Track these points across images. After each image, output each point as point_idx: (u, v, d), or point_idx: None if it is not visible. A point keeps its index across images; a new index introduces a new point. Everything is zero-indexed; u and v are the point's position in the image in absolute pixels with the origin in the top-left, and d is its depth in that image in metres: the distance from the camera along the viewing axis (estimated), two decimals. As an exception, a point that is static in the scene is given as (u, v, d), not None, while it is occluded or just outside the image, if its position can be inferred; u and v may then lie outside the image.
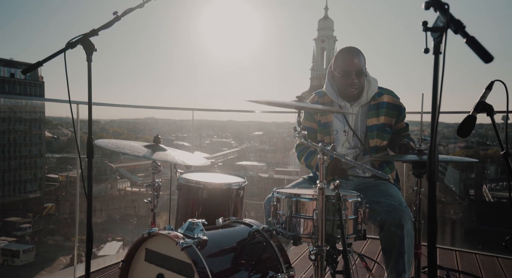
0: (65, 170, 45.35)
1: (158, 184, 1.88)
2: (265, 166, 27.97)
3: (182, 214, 2.06)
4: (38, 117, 47.95)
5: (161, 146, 1.89)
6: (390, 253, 1.71)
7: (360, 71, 1.91)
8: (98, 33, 1.65)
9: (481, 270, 2.65)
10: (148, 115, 7.14)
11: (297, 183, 2.10)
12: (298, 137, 1.39)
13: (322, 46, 34.76)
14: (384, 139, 1.97)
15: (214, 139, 26.86)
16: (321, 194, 1.31)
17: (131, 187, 36.27)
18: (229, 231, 1.68)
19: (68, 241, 33.82)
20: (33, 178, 48.09)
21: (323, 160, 1.30)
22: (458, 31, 0.81)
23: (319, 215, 1.32)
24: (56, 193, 43.69)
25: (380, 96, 2.00)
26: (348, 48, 1.97)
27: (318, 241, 1.33)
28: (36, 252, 33.30)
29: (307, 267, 2.63)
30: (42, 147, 50.70)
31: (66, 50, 1.61)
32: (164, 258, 1.50)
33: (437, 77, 0.86)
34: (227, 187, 1.98)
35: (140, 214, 34.55)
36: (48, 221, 39.49)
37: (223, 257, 1.50)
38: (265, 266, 1.57)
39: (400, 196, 1.82)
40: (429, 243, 0.89)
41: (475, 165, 30.70)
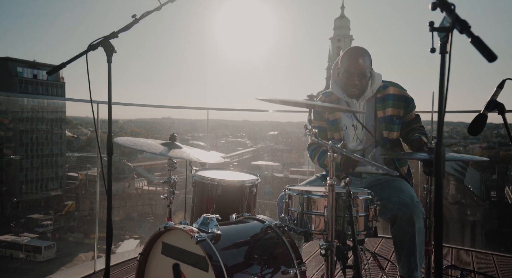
0: (85, 169, 46.43)
1: (174, 181, 1.95)
2: (280, 165, 27.94)
3: (197, 210, 2.12)
4: (59, 117, 49.27)
5: (177, 144, 1.95)
6: (401, 249, 1.73)
7: (363, 74, 1.92)
8: (117, 36, 1.73)
9: (497, 271, 2.61)
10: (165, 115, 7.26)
11: (310, 181, 2.13)
12: (309, 135, 1.42)
13: (338, 45, 34.49)
14: (393, 130, 1.98)
15: (229, 138, 27.03)
16: (331, 190, 1.34)
17: (148, 186, 36.82)
18: (242, 226, 1.73)
19: (87, 238, 34.61)
20: (54, 176, 49.44)
21: (333, 157, 1.33)
22: (463, 31, 0.82)
23: (329, 211, 1.35)
24: (76, 191, 44.77)
25: (386, 89, 2.02)
26: (354, 48, 1.98)
27: (328, 236, 1.36)
28: (57, 248, 34.22)
29: (320, 265, 2.66)
30: (63, 146, 52.07)
31: (87, 52, 1.69)
32: (180, 251, 1.56)
33: (443, 76, 0.89)
34: (240, 184, 2.03)
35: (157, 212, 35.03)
36: (69, 218, 40.52)
37: (236, 251, 1.55)
38: (277, 261, 1.61)
39: (412, 191, 1.83)
40: (436, 240, 0.91)
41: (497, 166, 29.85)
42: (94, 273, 2.55)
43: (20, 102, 40.77)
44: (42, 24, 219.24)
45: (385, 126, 1.97)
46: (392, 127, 1.98)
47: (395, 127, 1.99)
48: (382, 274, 2.30)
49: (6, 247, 33.09)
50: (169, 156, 1.79)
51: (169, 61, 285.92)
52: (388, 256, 2.85)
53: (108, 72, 1.72)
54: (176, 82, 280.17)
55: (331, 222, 1.35)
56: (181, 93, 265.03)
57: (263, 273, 1.54)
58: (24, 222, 38.96)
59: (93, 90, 1.79)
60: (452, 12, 0.87)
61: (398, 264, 1.81)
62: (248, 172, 2.31)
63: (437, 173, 0.90)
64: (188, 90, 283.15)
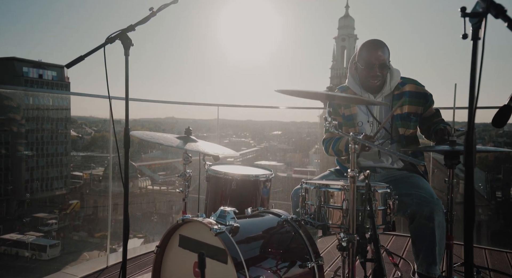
0: (89, 168, 46.67)
1: (189, 174, 1.95)
2: (283, 165, 27.91)
3: (211, 205, 2.12)
4: (64, 117, 49.54)
5: (193, 138, 1.95)
6: (420, 245, 1.71)
7: (384, 64, 1.92)
8: (135, 29, 1.73)
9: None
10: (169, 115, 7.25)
11: (324, 176, 2.13)
12: (329, 127, 1.42)
13: (343, 44, 34.38)
14: (409, 127, 1.96)
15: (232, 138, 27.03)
16: (352, 182, 1.33)
17: (152, 185, 36.93)
18: (258, 220, 1.72)
19: (91, 237, 34.79)
20: (59, 176, 49.72)
21: (354, 148, 1.32)
22: (499, 15, 0.81)
23: (351, 203, 1.35)
24: (80, 190, 45.03)
25: (403, 86, 2.01)
26: (372, 40, 1.98)
27: (349, 229, 1.35)
28: (62, 247, 34.43)
29: (333, 260, 2.65)
30: (67, 146, 52.34)
31: (105, 45, 1.69)
32: (198, 243, 1.56)
33: (475, 63, 0.88)
34: (254, 179, 2.03)
35: (161, 212, 35.14)
36: (73, 217, 40.75)
37: (254, 244, 1.55)
38: (294, 254, 1.60)
39: (431, 188, 1.81)
40: (466, 238, 0.90)
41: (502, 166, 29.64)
42: (107, 268, 2.56)
43: (26, 101, 41.01)
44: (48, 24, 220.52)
45: (401, 124, 1.96)
46: (408, 124, 1.96)
47: (411, 124, 1.97)
48: (396, 270, 2.29)
49: (12, 246, 33.33)
50: (186, 149, 1.79)
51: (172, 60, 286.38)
52: (401, 253, 2.84)
53: (125, 66, 1.72)
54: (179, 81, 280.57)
55: (352, 214, 1.34)
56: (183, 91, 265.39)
57: (281, 266, 1.53)
58: (30, 221, 39.23)
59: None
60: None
61: (416, 262, 1.79)
62: (261, 167, 2.31)
63: (468, 164, 0.89)
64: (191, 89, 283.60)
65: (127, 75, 1.73)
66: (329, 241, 3.05)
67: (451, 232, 1.61)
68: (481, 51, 0.85)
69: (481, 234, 16.91)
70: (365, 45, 1.98)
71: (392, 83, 1.98)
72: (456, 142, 1.52)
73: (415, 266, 1.80)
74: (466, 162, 0.91)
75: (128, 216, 1.72)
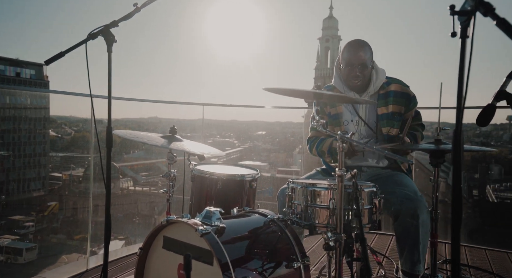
0: (69, 169, 45.56)
1: (174, 174, 1.91)
2: (267, 165, 28.01)
3: (196, 205, 2.09)
4: (42, 116, 48.20)
5: (177, 137, 1.91)
6: (404, 243, 1.73)
7: (364, 65, 1.93)
8: (118, 25, 1.69)
9: (491, 265, 2.65)
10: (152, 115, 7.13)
11: (310, 175, 2.12)
12: (317, 125, 1.41)
13: (327, 45, 34.73)
14: (394, 126, 1.98)
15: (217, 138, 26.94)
16: (340, 181, 1.33)
17: (134, 186, 36.35)
18: (245, 220, 1.70)
19: (70, 239, 33.96)
20: (37, 177, 48.33)
21: (342, 147, 1.32)
22: (487, 13, 0.82)
23: (338, 202, 1.34)
24: (59, 192, 43.91)
25: (388, 85, 2.02)
26: (354, 41, 1.99)
27: (336, 228, 1.35)
28: (39, 250, 33.45)
29: (318, 259, 2.65)
30: (46, 146, 50.96)
31: (87, 41, 1.64)
32: (183, 245, 1.53)
33: (463, 62, 0.88)
34: (240, 179, 2.01)
35: (143, 213, 34.63)
36: (51, 219, 39.68)
37: (240, 244, 1.52)
38: (280, 254, 1.59)
39: (415, 185, 1.83)
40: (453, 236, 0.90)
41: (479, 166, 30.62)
42: (87, 271, 2.48)
43: (3, 101, 39.68)
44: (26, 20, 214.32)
45: (386, 123, 1.98)
46: (393, 123, 1.98)
47: (396, 124, 1.99)
48: (380, 269, 2.31)
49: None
50: (170, 148, 1.75)
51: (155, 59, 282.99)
52: (384, 252, 2.87)
53: (108, 63, 1.67)
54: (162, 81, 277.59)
55: (340, 214, 1.34)
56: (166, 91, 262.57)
57: (267, 267, 1.52)
58: (5, 224, 37.95)
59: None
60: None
61: (400, 260, 1.80)
62: (247, 167, 2.29)
63: (456, 163, 0.89)
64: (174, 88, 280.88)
65: (110, 73, 1.68)
66: (314, 241, 3.06)
67: (435, 230, 1.63)
68: (469, 50, 0.86)
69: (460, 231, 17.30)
70: (347, 46, 2.00)
71: (377, 82, 1.99)
72: (441, 140, 1.54)
73: (399, 264, 1.81)
74: (454, 161, 0.91)
75: (110, 218, 1.68)
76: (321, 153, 2.06)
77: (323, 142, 2.05)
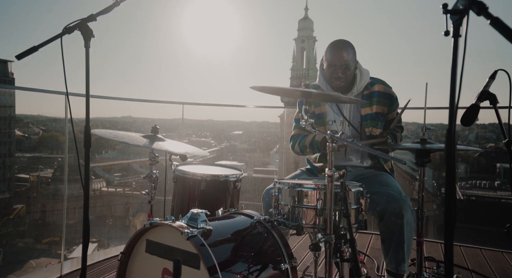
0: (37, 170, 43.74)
1: (156, 175, 1.85)
2: (244, 165, 27.98)
3: (178, 206, 2.03)
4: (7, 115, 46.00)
5: (159, 136, 1.85)
6: (389, 243, 1.74)
7: (347, 66, 1.92)
8: (96, 19, 1.61)
9: (466, 262, 2.73)
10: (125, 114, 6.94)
11: (295, 175, 2.11)
12: (306, 125, 1.39)
13: (302, 46, 35.05)
14: (377, 126, 1.99)
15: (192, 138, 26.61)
16: (330, 181, 1.32)
17: (107, 187, 35.32)
18: (231, 221, 1.66)
19: (39, 243, 32.60)
20: (2, 178, 46.06)
21: (332, 147, 1.30)
22: (481, 12, 0.82)
23: (328, 203, 1.33)
24: (26, 194, 42.06)
25: (372, 86, 2.03)
26: (337, 41, 1.98)
27: (326, 229, 1.33)
28: (4, 255, 31.91)
29: (300, 259, 2.65)
30: (11, 146, 48.70)
31: (63, 35, 1.56)
32: (167, 248, 1.47)
33: (456, 61, 0.88)
34: (224, 179, 1.97)
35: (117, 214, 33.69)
36: (18, 223, 37.95)
37: (227, 247, 1.48)
38: (268, 256, 1.56)
39: (399, 185, 1.85)
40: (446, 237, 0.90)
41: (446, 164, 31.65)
42: (61, 277, 2.37)
43: (-38, 98, 37.60)
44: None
45: (370, 123, 1.99)
46: (376, 124, 1.99)
47: (379, 124, 2.00)
48: (362, 268, 2.33)
49: None
50: (153, 148, 1.69)
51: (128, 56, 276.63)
52: (364, 251, 2.90)
53: (86, 59, 1.59)
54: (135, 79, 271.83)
55: (330, 214, 1.33)
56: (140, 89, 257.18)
57: (254, 269, 1.49)
58: (-34, 228, 36.00)
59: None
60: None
61: (385, 259, 1.81)
62: (230, 167, 2.25)
63: (449, 163, 0.89)
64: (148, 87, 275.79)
65: (87, 70, 1.60)
66: (296, 240, 3.06)
67: (421, 230, 1.65)
68: (463, 49, 0.86)
69: (429, 228, 18.01)
70: (330, 46, 1.99)
71: (362, 83, 2.00)
72: (427, 140, 1.56)
73: (384, 264, 1.83)
74: (447, 160, 0.91)
75: (88, 221, 1.60)
76: (303, 148, 2.05)
77: (306, 137, 2.05)
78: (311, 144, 2.00)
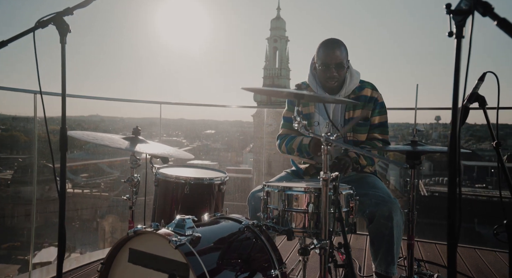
0: (-5, 171, 41.42)
1: (137, 179, 1.75)
2: (217, 165, 27.76)
3: (160, 212, 1.95)
4: (-37, 113, 43.22)
5: (141, 138, 1.76)
6: (379, 245, 1.73)
7: (340, 64, 1.89)
8: (73, 13, 1.50)
9: (442, 259, 2.80)
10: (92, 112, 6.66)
11: (280, 177, 2.07)
12: (299, 127, 1.36)
13: (275, 45, 35.16)
14: (359, 132, 1.97)
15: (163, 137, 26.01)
16: (325, 185, 1.29)
17: (73, 189, 33.92)
18: (219, 227, 1.60)
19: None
20: (-43, 180, 43.25)
21: (327, 150, 1.27)
22: (486, 13, 0.80)
23: (323, 207, 1.30)
24: (-17, 197, 39.70)
25: (360, 91, 2.00)
26: (329, 40, 1.95)
27: (321, 234, 1.30)
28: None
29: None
30: (-33, 146, 45.79)
31: (36, 29, 1.44)
32: (152, 257, 1.39)
33: (459, 62, 0.87)
34: (209, 182, 1.90)
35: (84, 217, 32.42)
36: (-28, 228, 35.77)
37: (217, 254, 1.42)
38: (258, 262, 1.51)
39: (386, 188, 1.85)
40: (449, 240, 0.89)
41: (413, 163, 32.95)
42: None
43: None
44: None
45: (352, 128, 1.98)
46: (359, 129, 1.98)
47: (361, 129, 1.98)
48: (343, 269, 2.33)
49: None
50: (136, 151, 1.60)
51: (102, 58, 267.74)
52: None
53: (61, 56, 1.47)
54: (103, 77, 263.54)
55: (326, 219, 1.30)
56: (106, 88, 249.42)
57: (244, 276, 1.44)
58: None
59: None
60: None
61: (374, 262, 1.80)
62: (212, 169, 2.19)
63: (452, 163, 0.88)
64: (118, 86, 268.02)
65: (63, 67, 1.48)
66: (277, 242, 3.03)
67: (412, 232, 1.66)
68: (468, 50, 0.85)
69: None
70: (322, 45, 1.95)
71: (350, 86, 1.97)
72: (417, 142, 1.56)
73: (373, 266, 1.82)
74: (450, 162, 0.90)
75: (65, 227, 1.48)
76: (290, 150, 2.02)
77: (293, 139, 2.01)
78: (299, 147, 1.97)
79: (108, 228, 18.99)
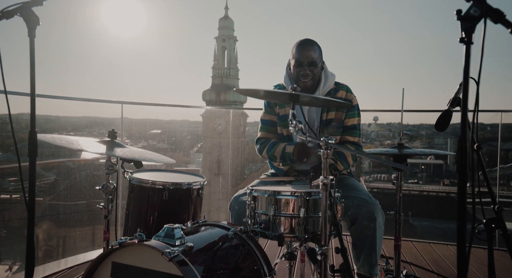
0: None
1: (113, 186, 1.62)
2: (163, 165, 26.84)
3: (134, 220, 1.82)
4: None
5: (118, 142, 1.63)
6: (362, 247, 1.76)
7: (313, 62, 1.91)
8: (43, 3, 1.35)
9: (405, 256, 2.95)
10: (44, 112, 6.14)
11: (261, 181, 2.03)
12: (294, 130, 1.34)
13: (223, 45, 34.88)
14: (335, 134, 1.99)
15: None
16: (324, 189, 1.28)
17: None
18: (207, 234, 1.53)
19: None
20: None
21: (326, 154, 1.27)
22: (498, 21, 0.83)
23: (323, 212, 1.29)
24: None
25: (336, 93, 2.02)
26: (304, 40, 1.97)
27: (322, 240, 1.30)
28: None
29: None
30: None
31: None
32: (140, 271, 1.29)
33: (468, 68, 0.89)
34: (187, 187, 1.82)
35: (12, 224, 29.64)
36: None
37: (210, 264, 1.36)
38: (248, 270, 1.47)
39: (366, 189, 1.90)
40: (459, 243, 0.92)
41: (353, 161, 34.97)
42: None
43: None
44: None
45: (327, 130, 2.00)
46: (333, 131, 1.99)
47: (335, 131, 2.00)
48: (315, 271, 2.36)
49: None
50: (117, 156, 1.47)
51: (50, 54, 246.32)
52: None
53: (30, 51, 1.31)
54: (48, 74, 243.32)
55: (325, 224, 1.29)
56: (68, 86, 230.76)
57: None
58: None
59: None
60: (482, 1, 0.87)
61: (356, 263, 1.83)
62: (187, 173, 2.10)
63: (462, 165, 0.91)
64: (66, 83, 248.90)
65: (32, 64, 1.31)
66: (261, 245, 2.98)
67: (399, 233, 1.71)
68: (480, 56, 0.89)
69: (341, 221, 19.48)
70: (296, 44, 1.97)
71: (325, 88, 1.99)
72: (403, 145, 1.62)
73: (356, 268, 1.85)
74: (460, 163, 0.93)
75: (33, 241, 1.33)
76: (273, 158, 1.99)
77: (275, 146, 1.98)
78: (282, 155, 1.94)
79: (42, 236, 17.53)
